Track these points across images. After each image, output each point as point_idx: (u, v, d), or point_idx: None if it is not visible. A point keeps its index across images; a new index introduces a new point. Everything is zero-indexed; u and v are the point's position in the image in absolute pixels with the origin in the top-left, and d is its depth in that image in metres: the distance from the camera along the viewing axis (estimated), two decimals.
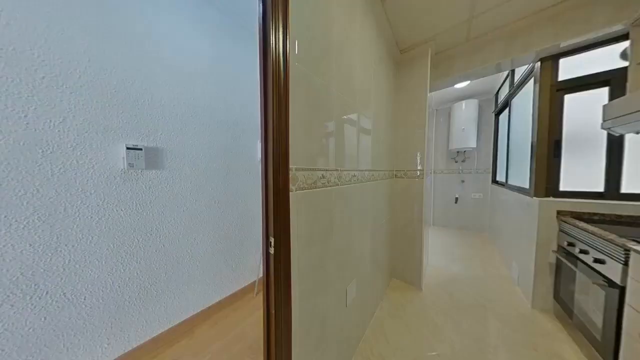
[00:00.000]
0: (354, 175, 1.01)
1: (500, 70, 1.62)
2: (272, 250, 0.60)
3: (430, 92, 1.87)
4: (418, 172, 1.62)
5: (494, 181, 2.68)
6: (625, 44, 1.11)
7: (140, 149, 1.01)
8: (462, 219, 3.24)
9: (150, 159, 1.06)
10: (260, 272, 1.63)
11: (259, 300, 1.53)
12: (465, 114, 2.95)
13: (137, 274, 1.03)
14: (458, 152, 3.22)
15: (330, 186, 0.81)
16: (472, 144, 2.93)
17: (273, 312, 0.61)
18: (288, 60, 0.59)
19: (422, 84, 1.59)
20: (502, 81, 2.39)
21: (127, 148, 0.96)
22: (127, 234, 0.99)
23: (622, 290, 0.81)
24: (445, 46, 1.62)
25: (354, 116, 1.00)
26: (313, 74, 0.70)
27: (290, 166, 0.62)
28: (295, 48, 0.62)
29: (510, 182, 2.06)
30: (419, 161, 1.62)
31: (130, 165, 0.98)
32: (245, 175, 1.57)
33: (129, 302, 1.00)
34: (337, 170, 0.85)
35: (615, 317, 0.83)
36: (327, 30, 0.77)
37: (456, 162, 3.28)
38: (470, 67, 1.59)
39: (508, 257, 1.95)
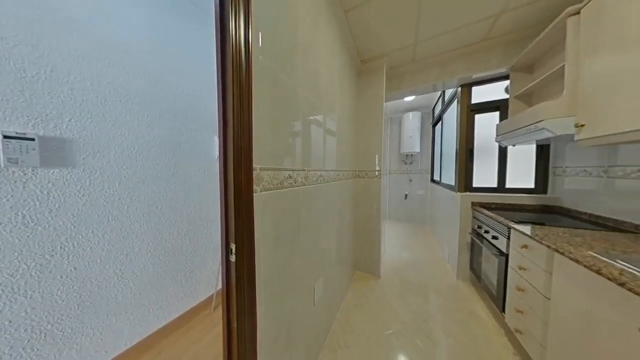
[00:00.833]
0: (321, 176, 1.04)
1: (436, 90, 2.00)
2: (233, 258, 0.55)
3: (385, 102, 2.12)
4: (376, 172, 1.82)
5: (432, 180, 3.28)
6: (507, 82, 1.56)
7: (32, 139, 0.73)
8: (410, 212, 3.81)
9: (50, 154, 0.79)
10: (218, 284, 1.46)
11: (218, 315, 1.36)
12: (412, 123, 3.49)
13: (26, 313, 0.74)
14: (407, 155, 3.77)
15: (297, 186, 0.80)
16: (417, 149, 3.49)
17: (235, 325, 0.56)
18: (251, 51, 0.56)
19: (379, 94, 1.79)
20: (437, 99, 2.95)
21: (5, 137, 0.68)
22: (4, 260, 0.70)
23: (507, 257, 1.14)
24: (398, 63, 1.87)
25: (320, 118, 1.02)
26: (280, 71, 0.69)
27: (254, 165, 0.58)
28: (258, 40, 0.59)
29: (442, 180, 2.57)
30: (377, 162, 1.82)
31: (12, 161, 0.69)
32: (199, 176, 1.37)
33: (13, 356, 0.71)
34: (304, 170, 0.86)
35: (503, 277, 1.16)
36: (293, 29, 0.76)
37: (405, 163, 3.84)
38: (416, 85, 1.89)
39: (442, 242, 2.42)
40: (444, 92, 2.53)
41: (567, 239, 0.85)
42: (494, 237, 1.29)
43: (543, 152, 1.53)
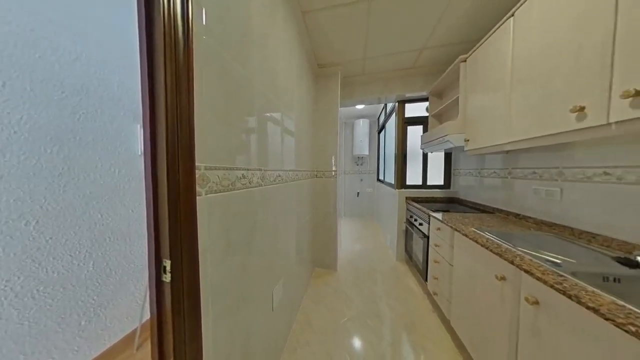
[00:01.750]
0: (279, 176, 1.01)
1: (380, 102, 2.33)
2: (167, 278, 0.46)
3: (340, 107, 2.28)
4: (333, 172, 1.94)
5: (378, 179, 3.81)
6: (427, 103, 2.03)
7: None
8: (361, 208, 4.28)
9: None
10: (146, 314, 1.15)
11: (144, 354, 1.08)
12: (362, 129, 3.94)
13: None
14: (358, 157, 4.22)
15: (252, 187, 0.75)
16: (366, 152, 3.97)
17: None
18: (190, 26, 0.47)
19: (335, 99, 1.91)
20: (381, 109, 3.45)
21: None
22: None
23: (428, 238, 1.48)
24: (350, 73, 2.06)
25: (278, 116, 0.99)
26: (231, 59, 0.62)
27: (198, 164, 0.50)
28: (202, 16, 0.51)
29: (386, 180, 3.03)
30: (333, 163, 1.94)
31: None
32: (110, 175, 1.04)
33: None
34: (260, 170, 0.81)
35: (426, 254, 1.50)
36: (246, 17, 0.70)
37: (357, 165, 4.28)
38: (364, 95, 2.15)
39: (385, 231, 2.86)
40: (386, 105, 2.99)
41: (460, 220, 1.20)
42: (420, 224, 1.64)
43: (448, 158, 2.08)
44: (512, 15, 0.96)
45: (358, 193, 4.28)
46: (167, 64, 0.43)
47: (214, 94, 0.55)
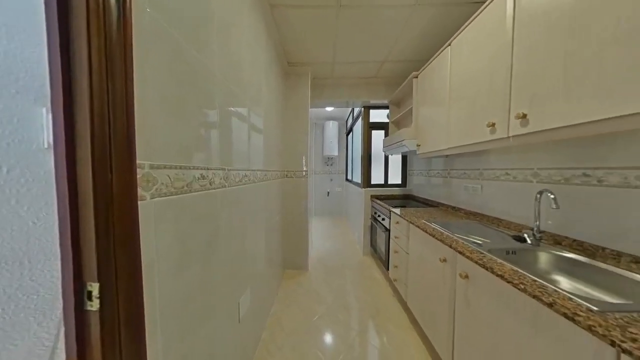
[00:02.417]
0: (246, 175, 0.94)
1: (348, 106, 2.47)
2: (93, 305, 0.36)
3: (310, 107, 2.29)
4: (304, 172, 1.93)
5: (347, 179, 4.03)
6: (388, 110, 2.26)
7: None
8: (331, 207, 4.43)
9: None
10: (57, 358, 0.87)
11: None
12: (332, 130, 4.08)
13: None
14: (328, 158, 4.36)
15: (214, 188, 0.67)
16: (336, 152, 4.13)
17: None
18: None
19: (305, 99, 1.92)
20: (349, 113, 3.65)
21: None
22: None
23: (389, 231, 1.65)
24: (320, 75, 2.10)
25: (243, 111, 0.92)
26: (185, 42, 0.54)
27: (140, 162, 0.41)
28: None
29: (353, 179, 3.23)
30: (304, 163, 1.94)
31: None
32: None
33: None
34: (223, 169, 0.73)
35: (387, 246, 1.67)
36: None
37: (327, 165, 4.41)
38: (333, 98, 2.23)
39: (353, 228, 3.04)
40: (353, 109, 3.18)
41: (414, 214, 1.39)
42: (383, 219, 1.82)
43: (404, 160, 2.38)
44: (449, 44, 1.17)
45: (328, 192, 4.42)
46: (92, 35, 0.34)
47: (163, 80, 0.47)
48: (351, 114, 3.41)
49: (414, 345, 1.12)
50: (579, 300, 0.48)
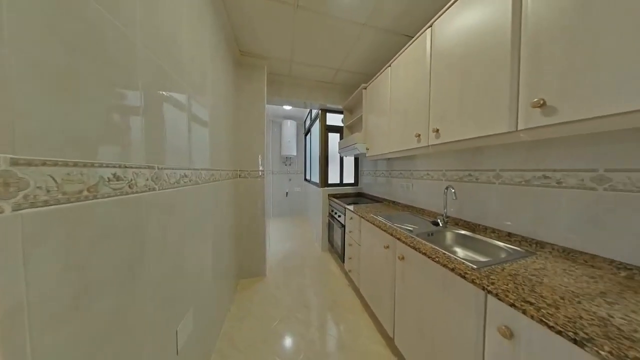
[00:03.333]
0: (185, 176, 0.79)
1: (306, 107, 2.50)
2: None
3: (268, 104, 2.17)
4: (260, 172, 1.81)
5: (305, 179, 4.07)
6: (342, 115, 2.45)
7: None
8: (290, 208, 4.36)
9: None
10: None
11: None
12: (290, 130, 4.02)
13: None
14: (287, 157, 4.27)
15: (137, 192, 0.53)
16: (294, 152, 4.10)
17: None
18: None
19: (261, 93, 1.80)
20: (307, 114, 3.71)
21: None
22: None
23: (345, 227, 1.79)
24: (278, 71, 2.02)
25: (181, 97, 0.77)
26: None
27: None
28: None
29: (312, 179, 3.30)
30: (260, 162, 1.82)
31: None
32: None
33: None
34: (151, 167, 0.59)
35: (343, 240, 1.82)
36: None
37: (286, 165, 4.31)
38: (291, 97, 2.20)
39: (312, 227, 3.11)
40: (311, 110, 3.26)
41: (364, 209, 1.57)
42: (339, 216, 1.95)
43: (357, 161, 2.65)
44: (390, 65, 1.40)
45: (287, 193, 4.33)
46: None
47: (38, 39, 0.33)
48: (309, 115, 3.48)
49: (366, 326, 1.27)
50: (467, 262, 0.68)
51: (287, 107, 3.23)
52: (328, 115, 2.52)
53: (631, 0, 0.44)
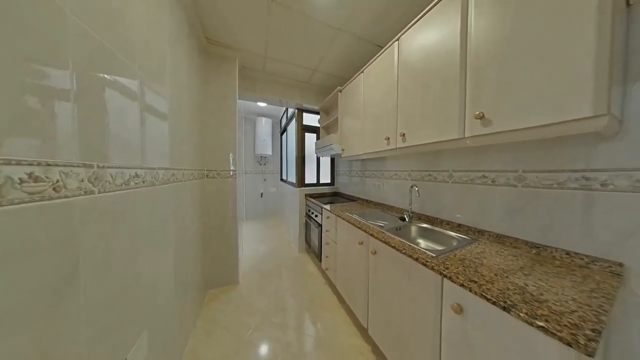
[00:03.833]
0: (137, 176, 0.68)
1: (282, 105, 2.43)
2: None
3: (240, 99, 2.04)
4: (231, 172, 1.68)
5: (281, 179, 3.97)
6: (319, 116, 2.48)
7: None
8: (265, 209, 4.19)
9: None
10: None
11: None
12: (265, 128, 3.86)
13: None
14: (261, 156, 4.08)
15: (66, 196, 0.43)
16: (269, 151, 3.94)
17: None
18: None
19: (232, 88, 1.67)
20: (283, 112, 3.62)
21: None
22: None
23: (322, 226, 1.82)
24: (251, 66, 1.91)
25: (130, 83, 0.66)
26: None
27: None
28: None
29: (288, 179, 3.24)
30: (231, 162, 1.69)
31: None
32: None
33: None
34: (88, 165, 0.49)
35: (320, 239, 1.84)
36: None
37: (260, 164, 4.12)
38: (266, 94, 2.12)
39: (288, 227, 3.06)
40: (287, 109, 3.19)
41: (340, 208, 1.63)
42: (316, 216, 1.97)
43: (333, 161, 2.72)
44: (362, 72, 1.48)
45: (262, 193, 4.14)
46: None
47: None
48: (285, 114, 3.40)
49: (342, 321, 1.31)
50: (428, 252, 0.77)
51: (262, 104, 3.09)
52: (305, 115, 2.52)
53: (537, 38, 0.57)
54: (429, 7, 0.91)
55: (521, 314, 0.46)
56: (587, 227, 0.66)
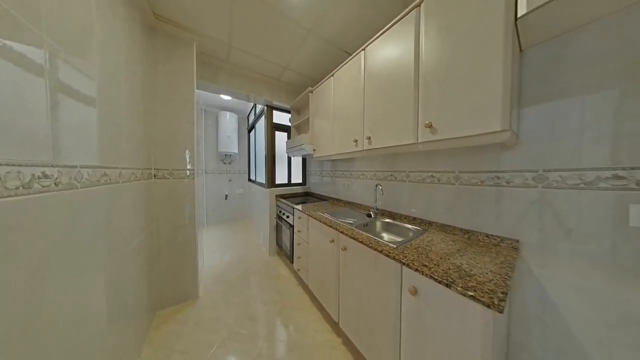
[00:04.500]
0: (45, 176, 0.52)
1: (249, 101, 2.28)
2: None
3: (199, 89, 1.81)
4: (188, 171, 1.47)
5: (249, 179, 3.72)
6: (290, 115, 2.44)
7: None
8: (231, 212, 3.84)
9: None
10: None
11: None
12: (229, 124, 3.53)
13: None
14: (226, 155, 3.71)
15: None
16: (235, 149, 3.63)
17: None
18: None
19: (188, 75, 1.47)
20: (250, 108, 3.39)
21: None
22: None
23: (293, 227, 1.79)
24: (212, 53, 1.72)
25: (33, 53, 0.50)
26: None
27: None
28: None
29: (257, 180, 3.06)
30: (188, 160, 1.48)
31: None
32: None
33: None
34: None
35: (292, 240, 1.81)
36: None
37: (225, 163, 3.75)
38: (231, 86, 1.94)
39: (258, 230, 2.89)
40: (255, 105, 3.01)
41: (312, 208, 1.64)
42: (287, 217, 1.93)
43: (304, 161, 2.72)
44: (332, 75, 1.53)
45: (226, 195, 3.78)
46: None
47: None
48: (254, 110, 3.20)
49: (314, 320, 1.33)
50: (390, 244, 0.86)
51: (226, 97, 2.82)
52: (275, 113, 2.43)
53: (468, 67, 0.72)
54: (390, 24, 1.01)
55: (458, 288, 0.56)
56: (498, 214, 0.86)
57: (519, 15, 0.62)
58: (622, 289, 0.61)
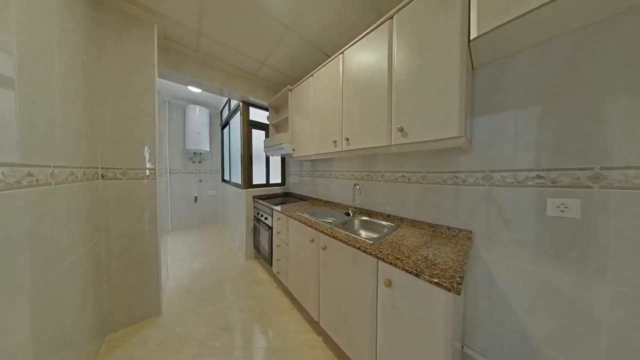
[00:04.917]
0: None
1: (223, 95, 2.12)
2: None
3: (162, 78, 1.61)
4: (147, 171, 1.29)
5: (223, 180, 3.46)
6: (268, 113, 2.35)
7: None
8: (201, 215, 3.51)
9: None
10: None
11: None
12: (199, 119, 3.22)
13: None
14: (195, 153, 3.37)
15: None
16: (206, 147, 3.33)
17: None
18: None
19: (147, 60, 1.28)
20: (224, 103, 3.16)
21: None
22: None
23: (272, 229, 1.74)
24: (178, 39, 1.54)
25: None
26: None
27: None
28: None
29: (232, 180, 2.87)
30: (148, 158, 1.30)
31: None
32: None
33: None
34: None
35: (270, 243, 1.75)
36: None
37: (193, 162, 3.41)
38: (200, 77, 1.78)
39: (233, 234, 2.71)
40: (230, 100, 2.81)
41: (292, 208, 1.62)
42: (266, 218, 1.86)
43: (283, 161, 2.65)
44: (312, 75, 1.53)
45: (196, 197, 3.44)
46: None
47: None
48: (228, 105, 2.99)
49: (294, 321, 1.31)
50: (367, 240, 0.90)
51: (196, 90, 2.57)
52: (253, 110, 2.31)
53: (432, 78, 0.80)
54: (366, 31, 1.07)
55: (425, 277, 0.62)
56: (456, 209, 0.99)
57: (471, 37, 0.72)
58: (542, 265, 0.77)
